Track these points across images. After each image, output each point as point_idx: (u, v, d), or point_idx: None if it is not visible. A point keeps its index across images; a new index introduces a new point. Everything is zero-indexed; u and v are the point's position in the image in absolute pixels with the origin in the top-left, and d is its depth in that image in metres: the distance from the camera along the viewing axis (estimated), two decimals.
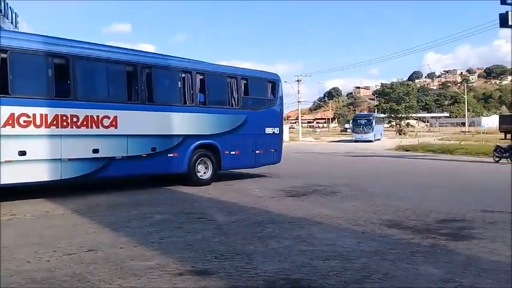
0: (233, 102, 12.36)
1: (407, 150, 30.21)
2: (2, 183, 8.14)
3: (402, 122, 73.43)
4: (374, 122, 48.24)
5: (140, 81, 10.36)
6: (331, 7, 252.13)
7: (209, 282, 4.26)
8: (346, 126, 76.41)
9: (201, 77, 11.63)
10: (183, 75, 11.31)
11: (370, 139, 46.06)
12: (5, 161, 8.14)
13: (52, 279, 4.25)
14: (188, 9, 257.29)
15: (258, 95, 13.23)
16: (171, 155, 10.87)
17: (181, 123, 11.13)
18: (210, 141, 11.68)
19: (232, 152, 12.10)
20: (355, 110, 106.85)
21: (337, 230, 6.62)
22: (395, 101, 70.07)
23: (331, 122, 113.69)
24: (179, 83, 11.33)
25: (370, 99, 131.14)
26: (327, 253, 5.30)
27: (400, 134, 61.15)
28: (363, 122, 48.67)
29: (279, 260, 5.01)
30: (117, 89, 10.40)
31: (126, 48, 11.16)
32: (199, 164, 11.49)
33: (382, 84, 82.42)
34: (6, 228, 6.50)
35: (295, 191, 10.69)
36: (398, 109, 69.43)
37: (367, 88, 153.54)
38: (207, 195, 9.96)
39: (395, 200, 9.42)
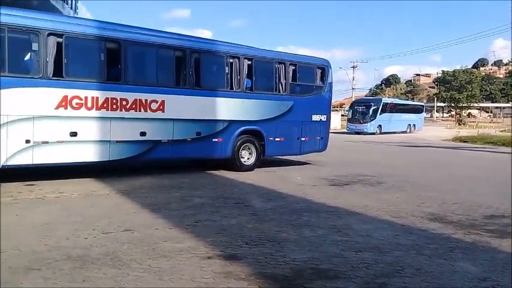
0: (280, 88, 12.23)
1: (464, 142, 28.80)
2: (53, 162, 8.59)
3: (463, 111, 69.91)
4: (377, 110, 37.39)
5: (188, 66, 10.48)
6: None
7: (235, 268, 4.28)
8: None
9: (249, 62, 11.58)
10: (231, 60, 11.32)
11: (367, 131, 36.39)
12: (57, 141, 8.57)
13: (86, 256, 4.42)
14: None
15: (306, 81, 13.00)
16: (216, 139, 10.99)
17: (227, 108, 11.19)
18: (255, 127, 11.67)
19: (277, 139, 12.03)
20: (413, 98, 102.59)
21: (375, 221, 6.43)
22: (457, 90, 66.83)
23: None
24: (226, 68, 11.36)
25: (430, 87, 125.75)
26: (360, 244, 5.18)
27: (459, 124, 58.17)
28: (360, 109, 38.73)
29: (310, 249, 4.96)
30: (165, 73, 10.57)
31: (175, 33, 11.28)
32: (243, 149, 11.55)
33: (443, 71, 78.51)
34: (52, 205, 6.88)
35: (339, 179, 10.51)
36: (459, 98, 66.22)
37: (427, 75, 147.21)
38: (248, 180, 9.98)
39: (443, 193, 9.02)
